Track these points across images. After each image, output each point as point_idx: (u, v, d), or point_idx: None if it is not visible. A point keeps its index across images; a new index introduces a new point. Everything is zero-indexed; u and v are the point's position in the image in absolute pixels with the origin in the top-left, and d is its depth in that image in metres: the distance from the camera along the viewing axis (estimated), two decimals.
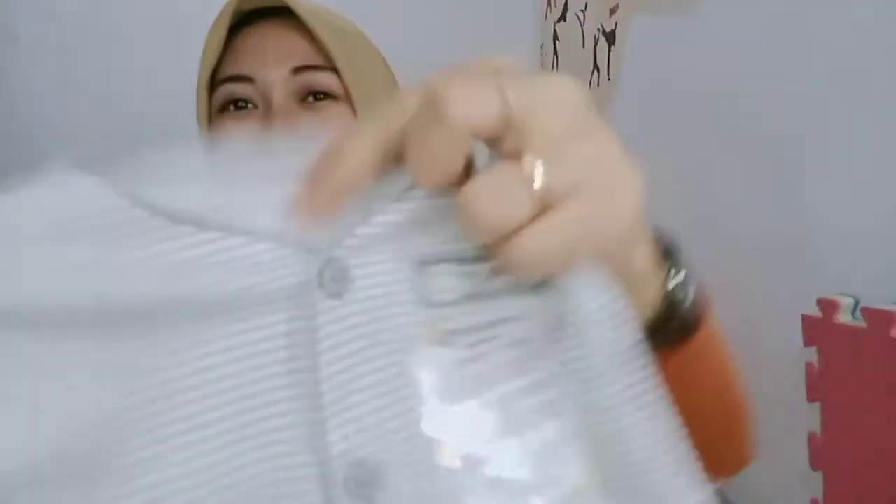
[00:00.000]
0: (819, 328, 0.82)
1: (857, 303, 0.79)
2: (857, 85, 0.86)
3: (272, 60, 0.53)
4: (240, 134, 0.52)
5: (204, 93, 0.56)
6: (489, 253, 0.21)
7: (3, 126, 2.68)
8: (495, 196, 0.19)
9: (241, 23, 0.56)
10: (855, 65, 0.86)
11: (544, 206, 0.20)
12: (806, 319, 0.84)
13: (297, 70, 0.53)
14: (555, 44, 2.48)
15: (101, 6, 2.73)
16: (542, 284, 0.22)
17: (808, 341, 0.84)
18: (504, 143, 0.20)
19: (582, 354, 0.22)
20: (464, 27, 2.85)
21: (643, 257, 0.30)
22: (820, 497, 0.83)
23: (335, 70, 0.53)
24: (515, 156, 0.20)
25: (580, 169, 0.20)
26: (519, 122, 0.20)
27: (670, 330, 0.33)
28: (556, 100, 0.21)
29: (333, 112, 0.54)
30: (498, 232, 0.20)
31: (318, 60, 0.53)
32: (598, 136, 0.22)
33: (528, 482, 0.22)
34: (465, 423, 0.21)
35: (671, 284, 0.32)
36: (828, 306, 0.81)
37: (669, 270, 0.33)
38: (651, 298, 0.32)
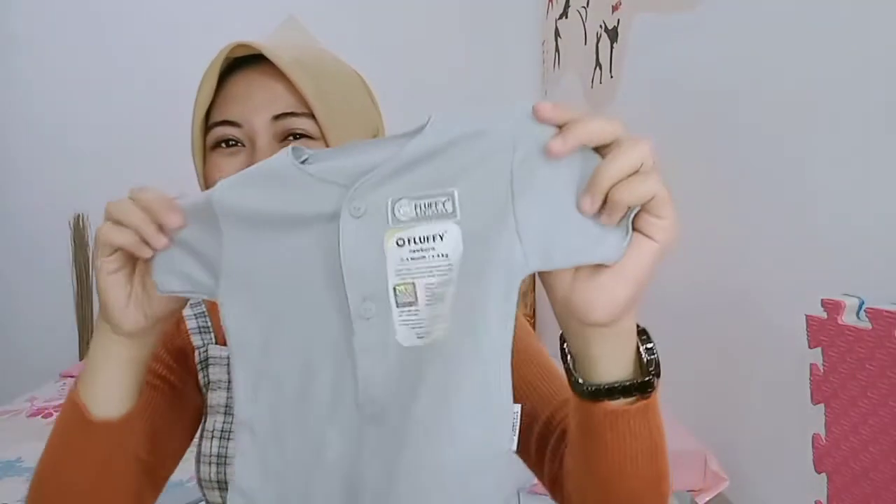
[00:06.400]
0: (823, 329, 0.81)
1: (861, 303, 0.78)
2: (860, 84, 0.85)
3: (256, 108, 0.60)
4: (229, 169, 0.59)
5: (199, 132, 0.63)
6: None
7: (3, 125, 2.68)
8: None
9: (230, 68, 0.62)
10: (856, 64, 0.85)
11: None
12: (810, 320, 0.83)
13: (278, 117, 0.60)
14: (556, 40, 2.47)
15: (101, 6, 2.73)
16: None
17: (812, 342, 0.83)
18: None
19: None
20: (465, 23, 2.85)
21: (632, 318, 0.41)
22: (824, 499, 0.83)
23: (312, 115, 0.60)
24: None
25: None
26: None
27: (633, 388, 0.43)
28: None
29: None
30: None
31: (296, 107, 0.60)
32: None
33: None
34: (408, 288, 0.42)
35: (644, 349, 0.43)
36: (832, 307, 0.80)
37: (643, 338, 0.43)
38: (628, 356, 0.42)
